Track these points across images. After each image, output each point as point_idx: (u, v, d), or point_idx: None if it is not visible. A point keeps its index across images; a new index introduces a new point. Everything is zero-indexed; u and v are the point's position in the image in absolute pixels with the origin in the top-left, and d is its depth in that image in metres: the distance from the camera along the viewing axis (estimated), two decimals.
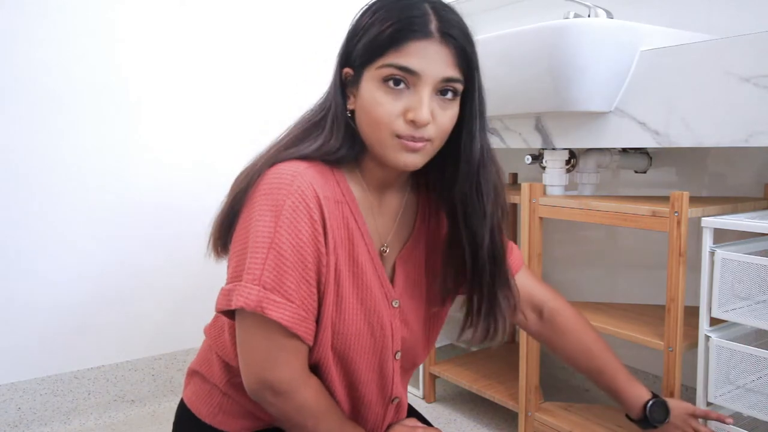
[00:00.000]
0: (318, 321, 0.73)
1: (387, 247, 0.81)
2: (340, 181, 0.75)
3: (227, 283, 0.71)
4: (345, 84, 0.74)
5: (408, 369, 0.87)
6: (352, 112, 0.74)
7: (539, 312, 0.94)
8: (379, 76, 0.68)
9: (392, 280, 0.81)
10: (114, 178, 1.62)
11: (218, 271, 0.81)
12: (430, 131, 0.69)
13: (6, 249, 1.48)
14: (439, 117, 0.70)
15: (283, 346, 0.70)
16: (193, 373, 0.87)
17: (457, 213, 0.76)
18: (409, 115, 0.68)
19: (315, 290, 0.71)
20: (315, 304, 0.72)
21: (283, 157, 0.72)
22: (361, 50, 0.70)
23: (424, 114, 0.67)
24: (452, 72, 0.69)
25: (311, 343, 0.73)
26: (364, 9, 0.72)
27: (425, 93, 0.68)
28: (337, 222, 0.72)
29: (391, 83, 0.68)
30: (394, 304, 0.80)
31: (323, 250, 0.70)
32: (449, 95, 0.70)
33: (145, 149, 1.66)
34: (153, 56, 1.65)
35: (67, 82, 1.53)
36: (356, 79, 0.71)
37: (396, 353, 0.81)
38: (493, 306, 0.79)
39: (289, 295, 0.68)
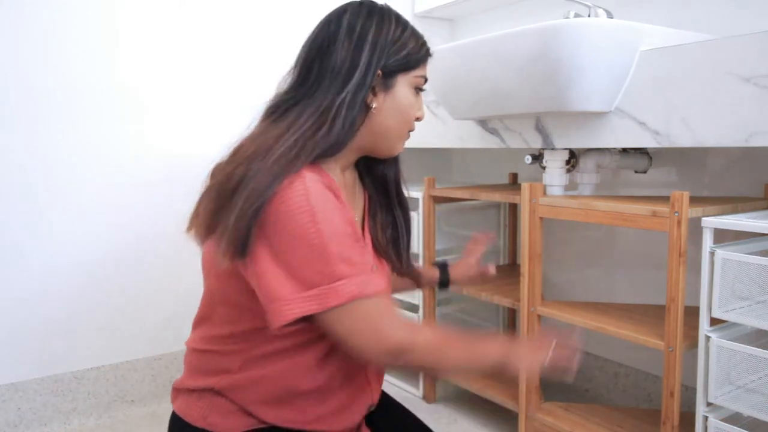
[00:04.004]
0: None
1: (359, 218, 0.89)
2: (325, 173, 0.78)
3: (293, 294, 0.70)
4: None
5: None
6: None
7: None
8: (415, 83, 0.83)
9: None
10: (114, 178, 1.62)
11: None
12: None
13: (6, 249, 1.49)
14: None
15: (379, 311, 0.73)
16: (177, 390, 0.86)
17: (388, 185, 0.92)
18: (419, 113, 0.86)
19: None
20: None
21: (290, 165, 0.72)
22: (402, 60, 0.80)
23: (424, 112, 0.88)
24: None
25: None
26: (385, 20, 0.80)
27: (422, 96, 0.87)
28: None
29: (419, 90, 0.84)
30: (374, 268, 0.85)
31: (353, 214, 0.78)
32: None
33: (146, 148, 1.66)
34: (153, 55, 1.65)
35: (67, 81, 1.53)
36: (386, 82, 0.80)
37: None
38: (410, 241, 0.97)
39: (365, 266, 0.74)
